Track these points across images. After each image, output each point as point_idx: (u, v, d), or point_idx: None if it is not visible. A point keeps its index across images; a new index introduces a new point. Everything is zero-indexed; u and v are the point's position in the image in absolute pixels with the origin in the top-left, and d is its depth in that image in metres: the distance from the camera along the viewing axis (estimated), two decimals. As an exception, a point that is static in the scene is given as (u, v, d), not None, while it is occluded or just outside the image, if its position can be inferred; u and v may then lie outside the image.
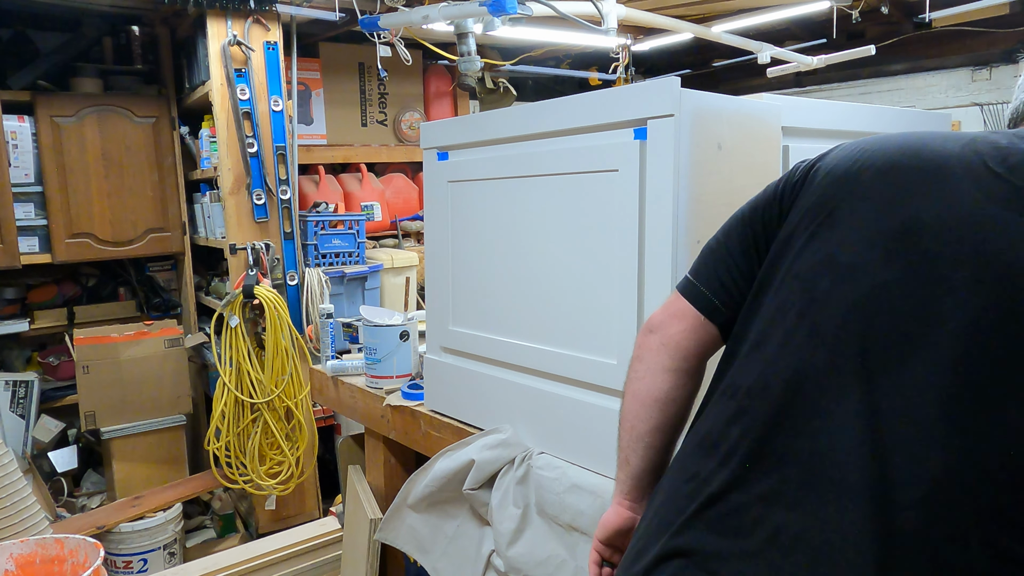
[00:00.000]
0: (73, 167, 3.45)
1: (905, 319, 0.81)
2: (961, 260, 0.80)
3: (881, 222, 0.85)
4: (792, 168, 1.01)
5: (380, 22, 3.02)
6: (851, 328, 0.84)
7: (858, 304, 0.84)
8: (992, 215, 0.81)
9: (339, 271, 3.37)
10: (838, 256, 0.87)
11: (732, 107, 1.34)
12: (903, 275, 0.82)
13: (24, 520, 2.57)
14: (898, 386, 0.80)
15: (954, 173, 0.85)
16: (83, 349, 3.33)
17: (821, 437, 0.82)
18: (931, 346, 0.79)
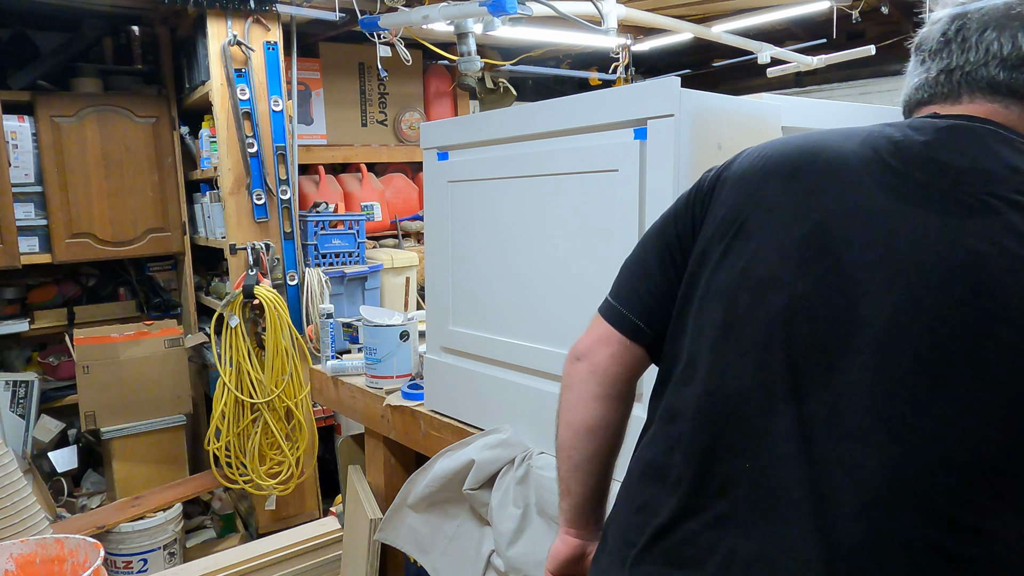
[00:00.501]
0: (73, 167, 3.45)
1: (825, 329, 0.81)
2: (871, 262, 0.80)
3: (791, 231, 0.85)
4: (701, 177, 1.00)
5: (380, 22, 3.02)
6: (774, 343, 0.83)
7: (778, 318, 0.83)
8: (894, 211, 0.81)
9: (339, 271, 3.37)
10: (753, 270, 0.86)
11: (732, 107, 1.34)
12: (818, 284, 0.82)
13: (24, 520, 2.57)
14: (827, 398, 0.79)
15: (854, 173, 0.85)
16: (83, 349, 3.33)
17: (761, 457, 0.82)
18: (854, 353, 0.79)
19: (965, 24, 0.91)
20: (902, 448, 0.76)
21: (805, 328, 0.82)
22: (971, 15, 0.91)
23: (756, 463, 0.82)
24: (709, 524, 0.84)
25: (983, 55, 0.89)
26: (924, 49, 0.96)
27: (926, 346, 0.76)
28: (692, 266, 0.94)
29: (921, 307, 0.77)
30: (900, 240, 0.80)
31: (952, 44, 0.92)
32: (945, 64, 0.92)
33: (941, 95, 0.93)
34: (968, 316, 0.76)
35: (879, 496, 0.76)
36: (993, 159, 0.82)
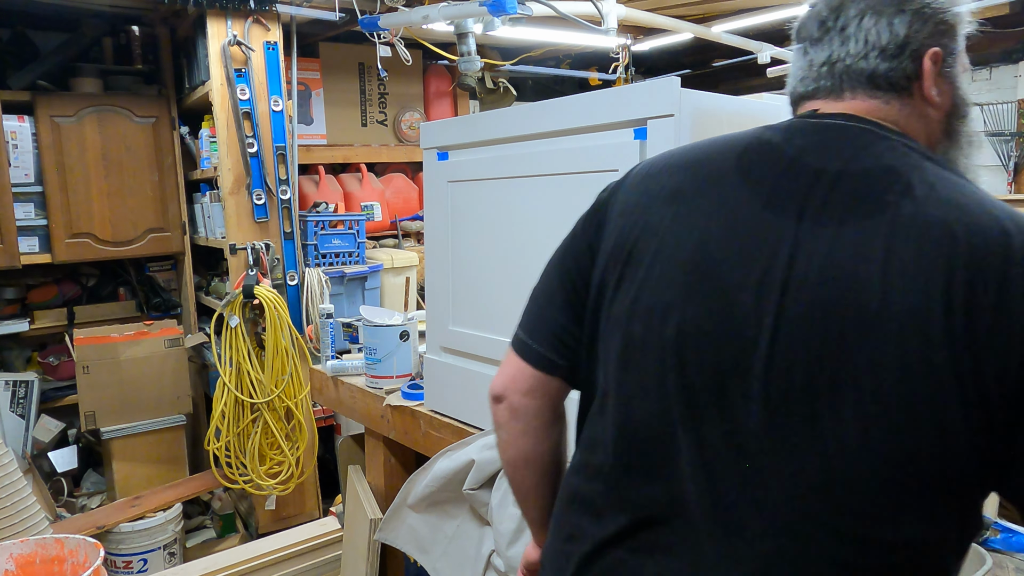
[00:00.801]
0: (73, 167, 3.44)
1: (715, 353, 0.80)
2: (753, 282, 0.79)
3: (676, 256, 0.84)
4: (597, 198, 0.99)
5: (380, 22, 3.02)
6: (669, 372, 0.83)
7: (670, 346, 0.83)
8: (772, 225, 0.80)
9: (339, 271, 3.37)
10: (643, 299, 0.86)
11: (732, 107, 1.34)
12: (704, 309, 0.81)
13: (24, 520, 2.57)
14: (723, 422, 0.79)
15: (733, 189, 0.85)
16: (83, 349, 3.33)
17: (672, 484, 0.82)
18: (744, 374, 0.78)
19: (843, 10, 0.89)
20: (795, 468, 0.76)
21: (695, 354, 0.81)
22: (846, 1, 0.89)
23: (668, 490, 0.83)
24: (633, 551, 0.85)
25: (863, 46, 0.87)
26: (804, 37, 0.94)
27: (808, 363, 0.75)
28: (593, 295, 0.94)
29: (801, 325, 0.76)
30: (778, 256, 0.79)
31: (832, 32, 0.90)
32: (827, 55, 0.90)
33: (824, 89, 0.91)
34: (845, 330, 0.74)
35: (779, 516, 0.76)
36: (870, 160, 0.81)
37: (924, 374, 0.72)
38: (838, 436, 0.74)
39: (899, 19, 0.86)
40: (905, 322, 0.73)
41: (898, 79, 0.87)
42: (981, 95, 4.21)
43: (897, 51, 0.86)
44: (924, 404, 0.72)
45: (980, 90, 4.23)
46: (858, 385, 0.74)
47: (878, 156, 0.82)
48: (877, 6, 0.87)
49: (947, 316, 0.72)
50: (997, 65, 4.16)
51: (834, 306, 0.75)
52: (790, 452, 0.76)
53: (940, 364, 0.72)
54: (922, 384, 0.72)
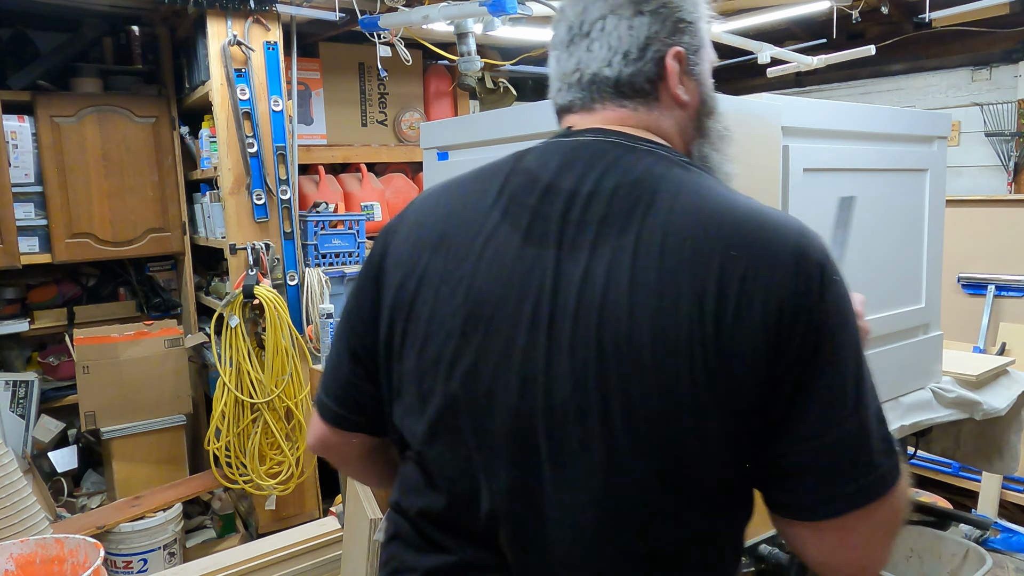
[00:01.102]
0: (73, 167, 3.44)
1: (499, 396, 0.80)
2: (521, 318, 0.80)
3: (449, 304, 0.83)
4: (370, 251, 0.97)
5: (380, 22, 3.02)
6: (461, 421, 0.83)
7: (458, 395, 0.83)
8: (530, 257, 0.81)
9: (339, 271, 3.37)
10: (428, 352, 0.85)
11: (732, 107, 1.34)
12: (481, 353, 0.81)
13: (24, 520, 2.57)
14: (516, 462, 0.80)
15: (493, 226, 0.84)
16: (83, 349, 3.33)
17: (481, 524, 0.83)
18: (528, 412, 0.79)
19: (587, 14, 0.88)
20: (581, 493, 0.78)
21: (482, 400, 0.81)
22: (588, 5, 0.89)
23: (478, 532, 0.84)
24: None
25: (607, 51, 0.87)
26: (556, 44, 0.93)
27: (579, 393, 0.76)
28: (383, 352, 0.91)
29: (569, 356, 0.77)
30: (544, 289, 0.79)
31: (578, 38, 0.89)
32: (575, 63, 0.90)
33: (579, 102, 0.90)
34: (605, 356, 0.75)
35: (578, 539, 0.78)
36: (618, 176, 0.81)
37: (680, 388, 0.74)
38: (611, 459, 0.76)
39: (638, 20, 0.86)
40: (656, 341, 0.74)
41: (642, 84, 0.87)
42: (981, 95, 4.21)
43: (639, 54, 0.86)
44: (685, 418, 0.74)
45: (980, 90, 4.23)
46: (625, 409, 0.75)
47: (626, 171, 0.82)
48: (617, 9, 0.87)
49: (693, 327, 0.73)
50: (997, 65, 4.16)
51: (592, 334, 0.76)
52: (575, 479, 0.78)
53: (694, 377, 0.73)
54: (680, 398, 0.74)
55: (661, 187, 0.80)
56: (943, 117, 1.93)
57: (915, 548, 2.27)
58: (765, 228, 0.78)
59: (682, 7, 0.88)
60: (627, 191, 0.80)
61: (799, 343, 0.74)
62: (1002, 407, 1.96)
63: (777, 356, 0.74)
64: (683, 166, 0.84)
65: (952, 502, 3.08)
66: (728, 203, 0.80)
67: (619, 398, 0.75)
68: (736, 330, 0.73)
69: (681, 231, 0.76)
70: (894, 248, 1.82)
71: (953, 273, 3.78)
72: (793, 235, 0.79)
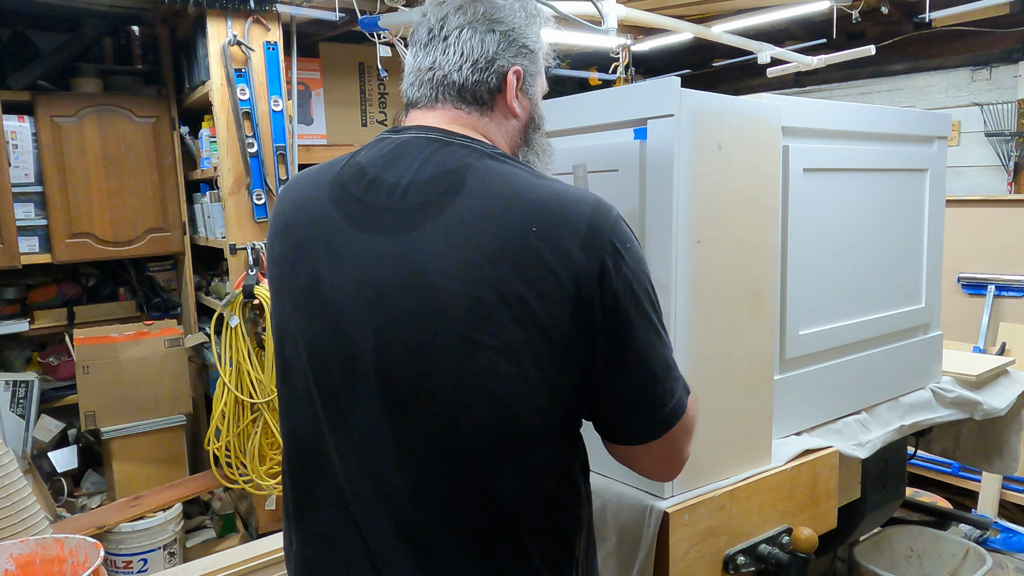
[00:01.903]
0: (73, 167, 3.44)
1: (336, 365, 0.93)
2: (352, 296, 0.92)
3: (295, 284, 0.98)
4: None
5: (380, 22, 3.02)
6: (309, 385, 0.96)
7: (307, 364, 0.96)
8: (361, 241, 0.93)
9: (339, 271, 3.36)
10: (283, 325, 1.01)
11: (732, 107, 1.34)
12: (322, 328, 0.94)
13: (24, 520, 2.57)
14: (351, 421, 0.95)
15: (329, 216, 0.96)
16: (83, 349, 3.33)
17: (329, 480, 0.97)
18: (360, 377, 0.92)
19: (447, 20, 1.01)
20: (420, 447, 0.90)
21: (323, 368, 0.94)
22: (449, 14, 1.01)
23: (329, 486, 0.97)
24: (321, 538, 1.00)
25: (459, 57, 0.99)
26: (415, 41, 1.04)
27: (406, 359, 0.89)
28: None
29: (394, 327, 0.89)
30: (370, 271, 0.91)
31: (436, 40, 1.01)
32: (432, 61, 1.01)
33: (425, 98, 1.02)
34: (424, 326, 0.88)
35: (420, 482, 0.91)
36: (434, 168, 0.93)
37: (493, 348, 0.87)
38: (452, 412, 0.89)
39: (490, 37, 0.99)
40: (467, 307, 0.86)
41: (482, 93, 1.00)
42: (981, 95, 4.21)
43: (486, 65, 0.99)
44: (499, 373, 0.87)
45: (980, 90, 4.23)
46: (447, 369, 0.88)
47: (441, 163, 0.93)
48: (474, 23, 1.00)
49: (500, 294, 0.86)
50: (997, 65, 4.16)
51: (413, 308, 0.88)
52: (411, 432, 0.90)
53: (502, 335, 0.86)
54: (496, 356, 0.87)
55: (470, 174, 0.92)
56: (943, 117, 1.93)
57: (915, 548, 2.27)
58: (562, 204, 0.90)
59: (527, 36, 1.03)
60: (440, 179, 0.92)
61: (599, 306, 0.88)
62: (1002, 407, 1.96)
63: (578, 318, 0.88)
64: (495, 158, 0.95)
65: (952, 502, 3.08)
66: (531, 185, 0.92)
67: (441, 363, 0.88)
68: (539, 296, 0.86)
69: (487, 211, 0.89)
70: (894, 248, 1.82)
71: (953, 273, 3.78)
72: (587, 210, 0.91)
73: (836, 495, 1.58)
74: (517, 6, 1.04)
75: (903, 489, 2.00)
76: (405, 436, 0.91)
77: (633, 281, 0.91)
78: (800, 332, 1.58)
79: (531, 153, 1.10)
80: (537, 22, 1.07)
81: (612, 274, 0.89)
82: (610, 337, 0.90)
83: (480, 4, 1.01)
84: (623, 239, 0.91)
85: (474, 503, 0.91)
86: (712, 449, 1.37)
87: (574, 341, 0.89)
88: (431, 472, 0.91)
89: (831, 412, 1.69)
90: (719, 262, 1.34)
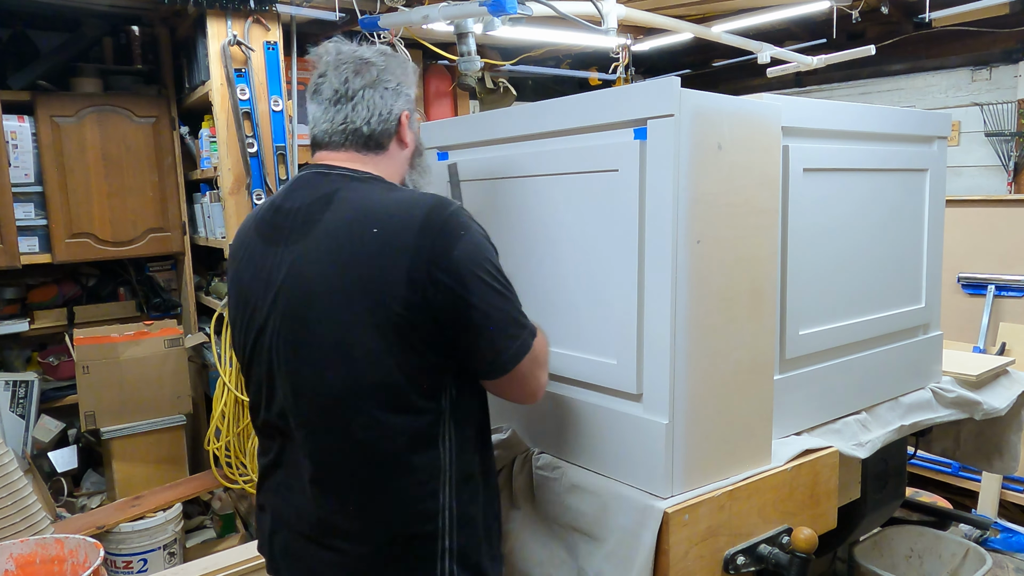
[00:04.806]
0: (73, 167, 3.44)
1: (255, 343, 1.30)
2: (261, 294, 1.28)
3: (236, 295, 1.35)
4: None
5: (380, 22, 3.02)
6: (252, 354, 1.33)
7: (248, 346, 1.32)
8: (267, 254, 1.28)
9: (339, 271, 3.36)
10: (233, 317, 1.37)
11: (732, 107, 1.34)
12: (245, 315, 1.32)
13: (27, 519, 2.57)
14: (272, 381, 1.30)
15: (251, 240, 1.34)
16: (83, 349, 3.33)
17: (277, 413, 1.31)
18: (271, 348, 1.27)
19: (351, 84, 1.29)
20: (298, 394, 1.25)
21: (251, 346, 1.31)
22: (349, 77, 1.29)
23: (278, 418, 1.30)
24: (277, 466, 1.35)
25: (367, 113, 1.29)
26: (325, 98, 1.32)
27: (291, 332, 1.24)
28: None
29: (284, 310, 1.24)
30: (272, 273, 1.26)
31: (344, 100, 1.29)
32: (344, 116, 1.30)
33: (335, 143, 1.31)
34: (303, 309, 1.22)
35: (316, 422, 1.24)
36: (318, 194, 1.26)
37: (347, 322, 1.18)
38: (315, 373, 1.22)
39: (387, 93, 1.31)
40: (331, 296, 1.19)
41: (382, 139, 1.32)
42: (981, 95, 4.21)
43: (388, 115, 1.31)
44: (353, 341, 1.18)
45: (980, 90, 4.23)
46: (316, 341, 1.21)
47: (322, 188, 1.27)
48: (373, 84, 1.30)
49: (356, 284, 1.17)
50: (997, 65, 4.16)
51: (297, 296, 1.23)
52: (296, 388, 1.25)
53: (358, 315, 1.17)
54: (350, 328, 1.18)
55: (338, 195, 1.24)
56: (943, 117, 1.93)
57: (915, 548, 2.27)
58: (402, 207, 1.21)
59: (408, 84, 1.35)
60: (318, 201, 1.25)
61: (441, 286, 1.16)
62: (1002, 407, 1.96)
63: (424, 298, 1.16)
64: (364, 181, 1.27)
65: (952, 502, 3.08)
66: (381, 197, 1.24)
67: (315, 334, 1.21)
68: (387, 283, 1.16)
69: (346, 220, 1.21)
70: (894, 248, 1.82)
71: (953, 273, 3.78)
72: (423, 208, 1.19)
73: (836, 495, 1.58)
74: (394, 62, 1.34)
75: (903, 489, 2.00)
76: (291, 392, 1.25)
77: (468, 258, 1.18)
78: (800, 332, 1.58)
79: (415, 174, 1.43)
80: (410, 68, 1.37)
81: (447, 254, 1.16)
82: (451, 306, 1.17)
83: (372, 67, 1.30)
84: (457, 227, 1.19)
85: (339, 451, 1.23)
86: (712, 449, 1.37)
87: (417, 314, 1.16)
88: (308, 425, 1.25)
89: (831, 412, 1.69)
90: (719, 262, 1.34)
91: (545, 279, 1.54)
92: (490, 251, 1.23)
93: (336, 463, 1.24)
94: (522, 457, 1.56)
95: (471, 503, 1.28)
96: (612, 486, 1.37)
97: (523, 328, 1.24)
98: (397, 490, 1.22)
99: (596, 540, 1.37)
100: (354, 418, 1.20)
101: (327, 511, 1.25)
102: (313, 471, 1.25)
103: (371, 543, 1.23)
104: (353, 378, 1.19)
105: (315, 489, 1.25)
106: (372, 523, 1.23)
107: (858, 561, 2.07)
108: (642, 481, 1.34)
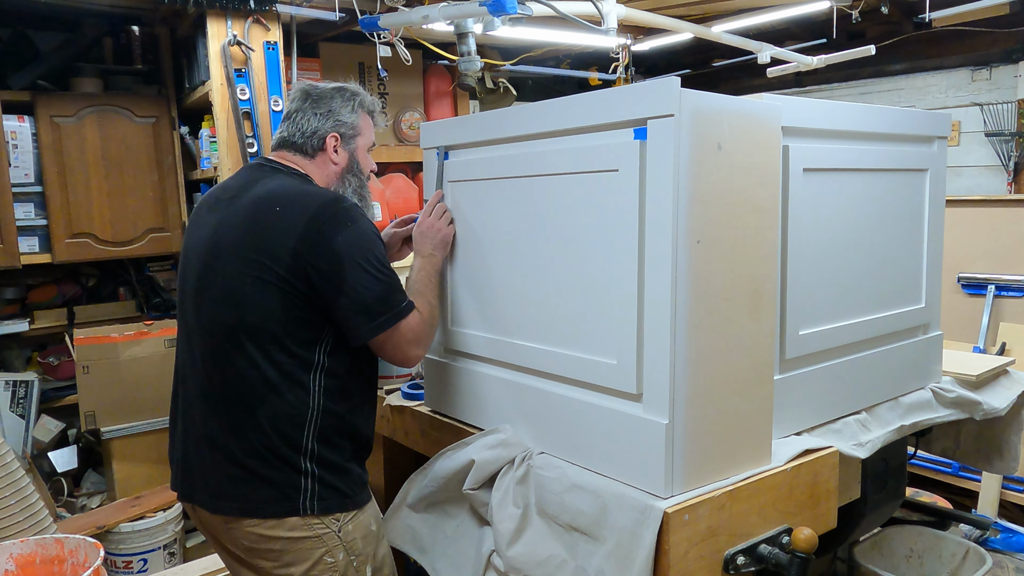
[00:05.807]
0: (73, 167, 3.44)
1: (186, 289, 1.64)
2: (195, 249, 1.63)
3: (184, 254, 1.69)
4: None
5: (380, 22, 3.02)
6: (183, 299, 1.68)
7: (188, 289, 1.64)
8: (208, 219, 1.63)
9: (339, 271, 3.36)
10: (179, 271, 1.73)
11: (732, 107, 1.34)
12: (187, 267, 1.66)
13: (29, 518, 2.57)
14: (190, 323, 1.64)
15: (202, 211, 1.69)
16: (83, 349, 3.33)
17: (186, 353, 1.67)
18: (193, 291, 1.62)
19: (295, 107, 1.70)
20: (200, 327, 1.59)
21: (181, 289, 1.68)
22: (296, 99, 1.71)
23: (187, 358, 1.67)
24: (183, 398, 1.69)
25: (296, 128, 1.69)
26: (287, 115, 1.72)
27: (201, 278, 1.59)
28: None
29: (202, 261, 1.59)
30: (202, 232, 1.63)
31: (291, 118, 1.70)
32: (287, 129, 1.71)
33: (278, 145, 1.72)
34: (212, 260, 1.57)
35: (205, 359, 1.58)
36: (250, 179, 1.64)
37: (239, 273, 1.52)
38: (216, 310, 1.55)
39: (315, 118, 1.69)
40: (233, 252, 1.54)
41: (307, 149, 1.69)
42: (981, 95, 4.22)
43: (311, 134, 1.69)
44: (241, 289, 1.52)
45: (980, 90, 4.23)
46: (216, 284, 1.56)
47: (254, 175, 1.66)
48: (303, 109, 1.69)
49: (255, 251, 1.51)
50: (997, 65, 4.16)
51: (211, 250, 1.58)
52: (206, 322, 1.58)
53: (256, 277, 1.51)
54: (241, 278, 1.52)
55: (259, 181, 1.62)
56: (943, 117, 1.93)
57: (915, 548, 2.27)
58: (306, 196, 1.57)
59: (342, 115, 1.70)
60: (245, 184, 1.63)
61: (320, 264, 1.49)
62: (1002, 407, 1.96)
63: (305, 271, 1.49)
64: (288, 174, 1.66)
65: (952, 502, 3.08)
66: (297, 187, 1.61)
67: (216, 280, 1.56)
68: (276, 249, 1.50)
69: (257, 199, 1.57)
70: (894, 248, 1.82)
71: (953, 273, 3.78)
72: (320, 200, 1.56)
73: (836, 495, 1.58)
74: (337, 96, 1.70)
75: (903, 489, 2.00)
76: (195, 327, 1.60)
77: (349, 246, 1.50)
78: (800, 332, 1.58)
79: (346, 190, 1.71)
80: (353, 105, 1.71)
81: (329, 238, 1.50)
82: (327, 279, 1.49)
83: (309, 98, 1.69)
84: (345, 219, 1.53)
85: (224, 376, 1.54)
86: (712, 449, 1.37)
87: (296, 279, 1.49)
88: (204, 351, 1.58)
89: (831, 412, 1.69)
90: (719, 262, 1.34)
91: (545, 279, 1.54)
92: (373, 242, 1.55)
93: (220, 388, 1.54)
94: (521, 456, 1.56)
95: (336, 450, 1.56)
96: (612, 486, 1.37)
97: (390, 308, 1.54)
98: (268, 417, 1.50)
99: (596, 540, 1.37)
100: (239, 351, 1.51)
101: (211, 427, 1.56)
102: (203, 395, 1.57)
103: (244, 456, 1.53)
104: (239, 318, 1.51)
105: (204, 407, 1.57)
106: (244, 441, 1.52)
107: (858, 561, 2.07)
108: (642, 481, 1.34)
